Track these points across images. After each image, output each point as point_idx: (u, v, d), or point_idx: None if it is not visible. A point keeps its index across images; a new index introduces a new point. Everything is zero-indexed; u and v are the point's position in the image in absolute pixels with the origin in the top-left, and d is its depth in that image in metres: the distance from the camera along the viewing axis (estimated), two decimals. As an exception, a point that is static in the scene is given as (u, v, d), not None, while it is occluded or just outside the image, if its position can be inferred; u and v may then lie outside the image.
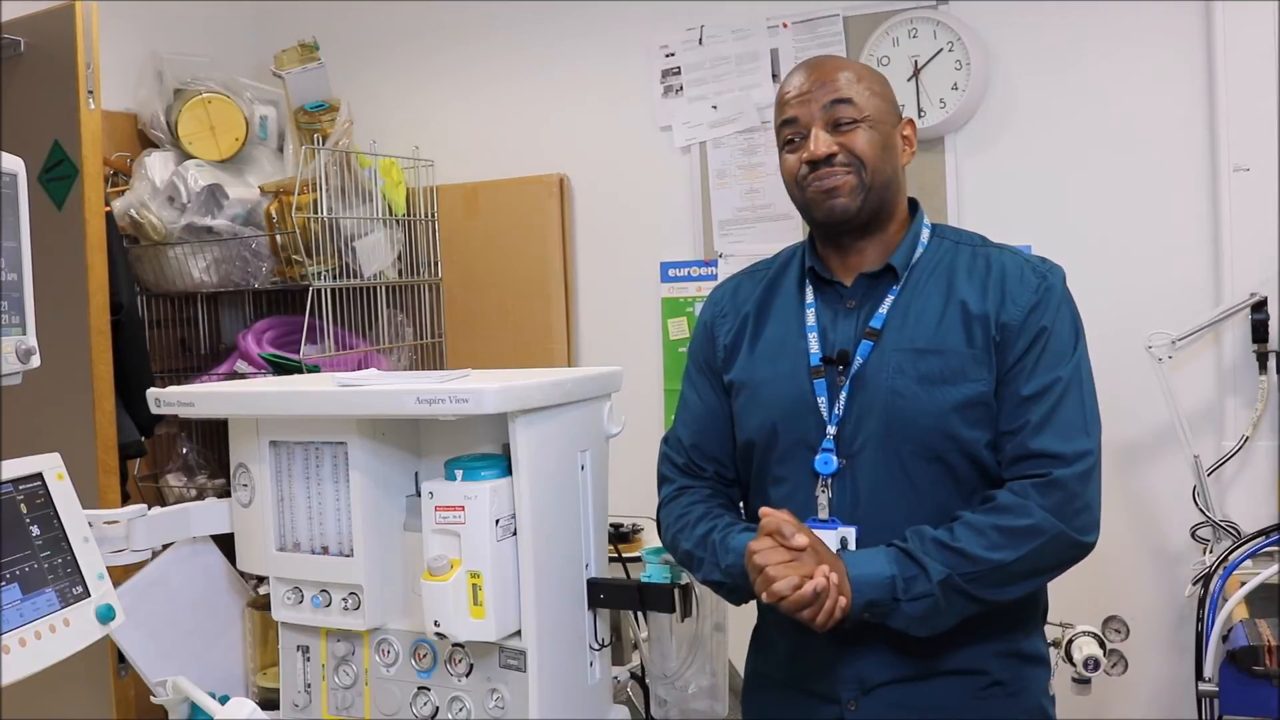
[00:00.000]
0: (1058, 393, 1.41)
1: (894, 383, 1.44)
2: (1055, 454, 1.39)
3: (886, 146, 1.50)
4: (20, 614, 1.20)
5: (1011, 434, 1.42)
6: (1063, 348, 1.44)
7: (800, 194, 1.53)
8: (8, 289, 1.20)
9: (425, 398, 1.42)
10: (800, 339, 1.53)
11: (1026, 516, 1.37)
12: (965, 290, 1.47)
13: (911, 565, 1.37)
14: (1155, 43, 2.44)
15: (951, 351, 1.44)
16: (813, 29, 2.75)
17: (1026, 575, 1.40)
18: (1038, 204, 2.56)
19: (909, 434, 1.43)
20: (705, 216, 2.90)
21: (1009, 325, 1.43)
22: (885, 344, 1.47)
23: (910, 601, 1.36)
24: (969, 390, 1.42)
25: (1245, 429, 2.34)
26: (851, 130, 1.48)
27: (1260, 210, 2.33)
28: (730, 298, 1.65)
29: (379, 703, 1.63)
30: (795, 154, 1.52)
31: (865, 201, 1.48)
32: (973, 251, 1.52)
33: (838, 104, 1.48)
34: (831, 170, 1.47)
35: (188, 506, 1.72)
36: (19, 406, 2.04)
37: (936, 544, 1.38)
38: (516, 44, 3.14)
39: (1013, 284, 1.46)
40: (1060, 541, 1.38)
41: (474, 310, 3.17)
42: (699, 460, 1.63)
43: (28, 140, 2.28)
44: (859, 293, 1.52)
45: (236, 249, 2.87)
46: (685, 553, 1.55)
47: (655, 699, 1.76)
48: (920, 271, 1.51)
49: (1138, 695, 2.48)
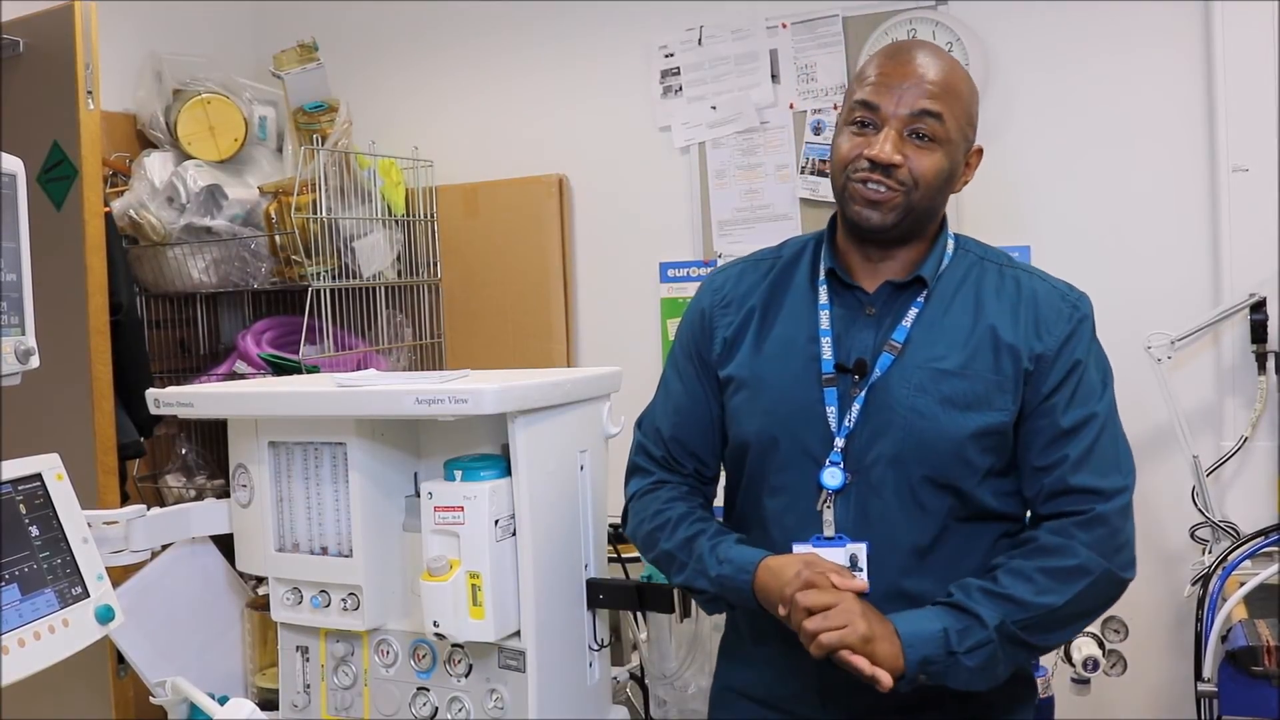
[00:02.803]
0: (1096, 428, 1.37)
1: (915, 402, 1.37)
2: (1096, 490, 1.35)
3: (951, 176, 1.41)
4: (19, 614, 1.20)
5: (1047, 469, 1.37)
6: (1095, 381, 1.39)
7: (843, 183, 1.41)
8: (7, 289, 1.20)
9: (424, 398, 1.42)
10: (812, 342, 1.44)
11: (1072, 557, 1.33)
12: (995, 313, 1.40)
13: (963, 616, 1.31)
14: (1155, 43, 2.44)
15: (978, 376, 1.37)
16: (812, 29, 2.75)
17: (1075, 618, 1.37)
18: (1037, 204, 2.56)
19: (924, 456, 1.37)
20: (704, 217, 2.90)
21: (1044, 356, 1.38)
22: (907, 359, 1.39)
23: (968, 653, 1.30)
24: (991, 419, 1.37)
25: (1244, 429, 2.34)
26: (925, 148, 1.37)
27: (1260, 210, 2.33)
28: (733, 286, 1.54)
29: (378, 703, 1.63)
30: (858, 139, 1.39)
31: (902, 220, 1.39)
32: (999, 271, 1.45)
33: (925, 115, 1.36)
34: (885, 180, 1.37)
35: (187, 507, 1.72)
36: (19, 407, 2.03)
37: (984, 593, 1.32)
38: (516, 44, 3.14)
39: (1046, 313, 1.40)
40: (1106, 580, 1.34)
41: (473, 310, 3.16)
42: (678, 454, 1.54)
43: (27, 140, 2.28)
44: (880, 301, 1.43)
45: (236, 249, 2.87)
46: (665, 552, 1.48)
47: (654, 699, 1.76)
48: (945, 286, 1.44)
49: (1137, 695, 2.48)
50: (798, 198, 2.79)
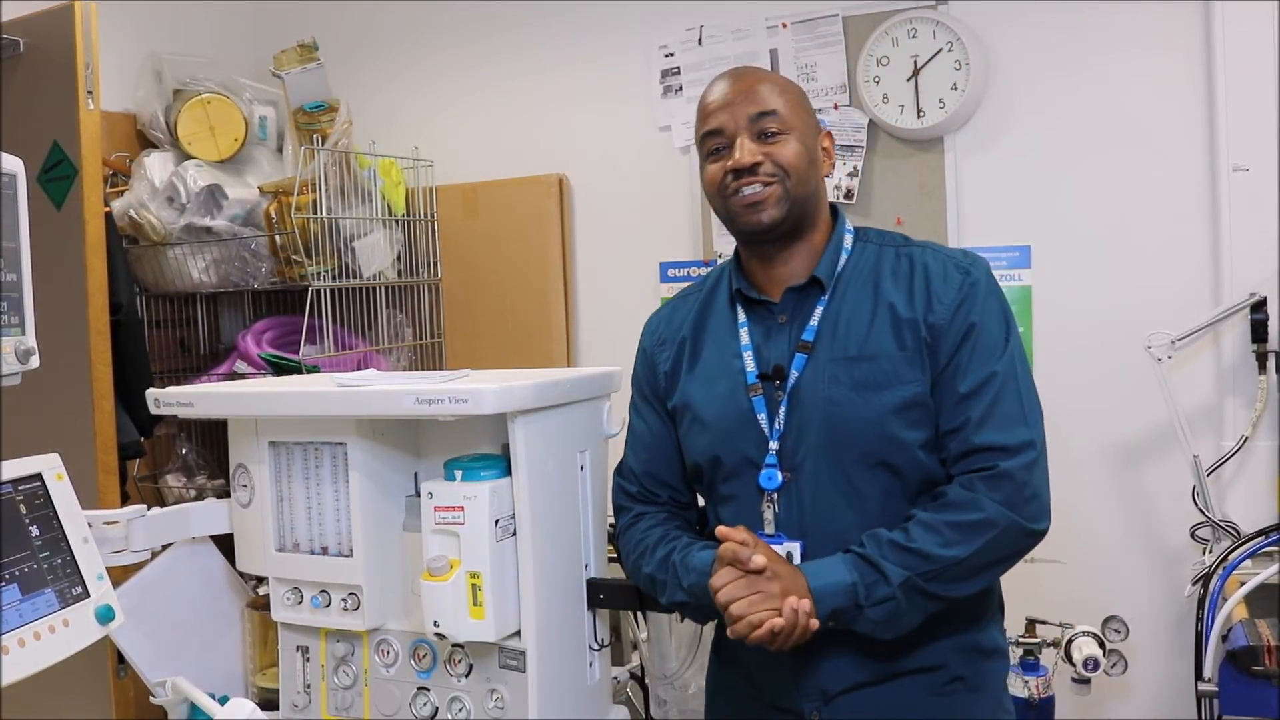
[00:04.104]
0: (995, 387, 1.42)
1: (830, 392, 1.45)
2: (999, 446, 1.40)
3: (810, 159, 1.51)
4: (19, 615, 1.20)
5: (954, 432, 1.43)
6: (993, 341, 1.44)
7: (723, 204, 1.52)
8: (7, 289, 1.20)
9: (424, 398, 1.42)
10: (735, 359, 1.53)
11: (977, 510, 1.38)
12: (892, 293, 1.48)
13: (871, 570, 1.37)
14: (1155, 43, 2.44)
15: (884, 356, 1.44)
16: (812, 29, 2.75)
17: (983, 569, 1.41)
18: (1037, 204, 2.55)
19: (850, 441, 1.44)
20: (704, 217, 2.90)
21: (937, 325, 1.44)
22: (819, 355, 1.47)
23: (873, 606, 1.37)
24: (904, 393, 1.43)
25: (1244, 429, 2.34)
26: (777, 141, 1.48)
27: (1260, 210, 2.33)
28: (666, 324, 1.65)
29: (378, 703, 1.63)
30: (719, 163, 1.51)
31: (789, 212, 1.49)
32: (896, 252, 1.53)
33: (764, 115, 1.48)
34: (754, 179, 1.47)
35: (187, 507, 1.72)
36: (19, 407, 2.03)
37: (893, 546, 1.38)
38: (516, 44, 3.15)
39: (937, 283, 1.46)
40: (1013, 532, 1.39)
41: (473, 310, 3.17)
42: (652, 487, 1.63)
43: (27, 140, 2.28)
44: (788, 307, 1.52)
45: (236, 249, 2.87)
46: (648, 577, 1.55)
47: (655, 699, 1.76)
48: (847, 279, 1.52)
49: (1137, 695, 2.48)
50: (798, 198, 2.79)
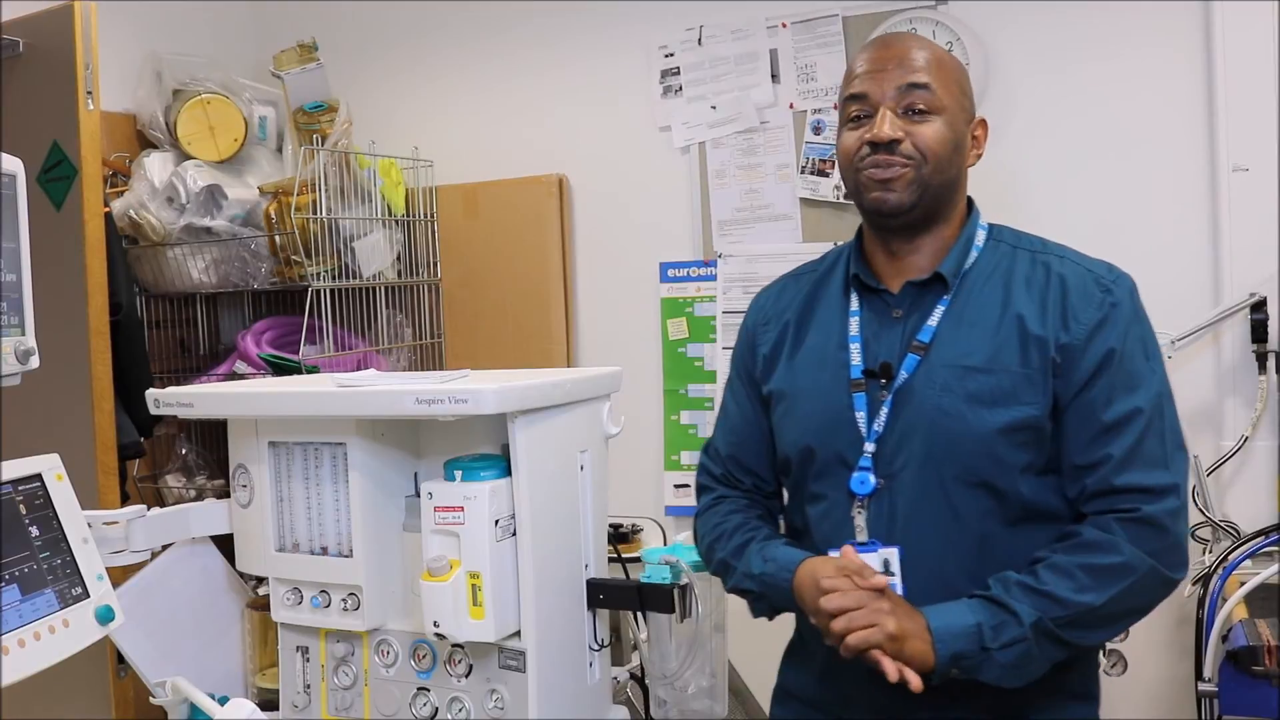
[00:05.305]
0: (1141, 424, 1.32)
1: (940, 401, 1.35)
2: (1143, 488, 1.30)
3: (956, 145, 1.40)
4: (19, 615, 1.20)
5: (1090, 468, 1.33)
6: (1136, 370, 1.33)
7: (853, 177, 1.41)
8: (7, 290, 1.20)
9: (424, 398, 1.42)
10: (841, 349, 1.43)
11: (1116, 554, 1.28)
12: (1023, 303, 1.37)
13: (998, 611, 1.28)
14: (1155, 43, 2.44)
15: (1004, 371, 1.34)
16: (812, 29, 2.75)
17: (1118, 617, 1.33)
18: (1037, 204, 2.55)
19: (953, 456, 1.34)
20: (704, 217, 2.90)
21: (1071, 346, 1.33)
22: (933, 359, 1.37)
23: (1002, 649, 1.27)
24: (1019, 413, 1.33)
25: (1245, 429, 2.34)
26: (923, 120, 1.37)
27: (1260, 210, 2.33)
28: (774, 303, 1.56)
29: (378, 703, 1.63)
30: (857, 131, 1.39)
31: (920, 199, 1.38)
32: (1031, 258, 1.41)
33: (914, 89, 1.36)
34: (891, 159, 1.36)
35: (187, 507, 1.72)
36: (18, 407, 2.03)
37: (1023, 588, 1.29)
38: (516, 44, 3.14)
39: (1074, 299, 1.35)
40: (1152, 579, 1.30)
41: (473, 310, 3.16)
42: (736, 472, 1.58)
43: (27, 141, 2.28)
44: (906, 301, 1.42)
45: (235, 249, 2.87)
46: (720, 561, 1.51)
47: (655, 699, 1.76)
48: (974, 279, 1.41)
49: (1138, 695, 2.48)
50: (798, 198, 2.79)
